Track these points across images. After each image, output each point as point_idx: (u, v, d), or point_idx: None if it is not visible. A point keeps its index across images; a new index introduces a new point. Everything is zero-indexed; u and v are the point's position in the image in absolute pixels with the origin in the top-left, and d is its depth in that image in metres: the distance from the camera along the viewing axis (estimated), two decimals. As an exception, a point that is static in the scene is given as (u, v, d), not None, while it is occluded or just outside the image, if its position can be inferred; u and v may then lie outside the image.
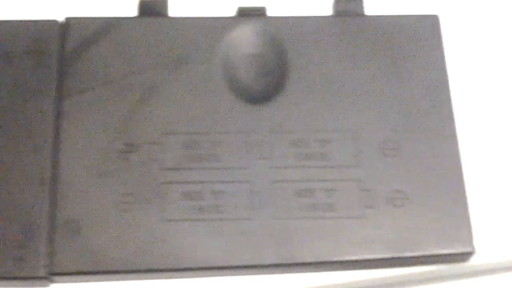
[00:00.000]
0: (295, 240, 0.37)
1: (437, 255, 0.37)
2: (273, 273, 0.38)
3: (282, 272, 0.38)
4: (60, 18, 0.42)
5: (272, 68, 0.41)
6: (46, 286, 0.38)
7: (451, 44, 0.42)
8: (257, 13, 0.42)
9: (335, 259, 0.37)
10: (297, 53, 0.41)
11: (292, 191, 0.38)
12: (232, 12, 0.43)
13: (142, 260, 0.37)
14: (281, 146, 0.38)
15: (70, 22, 0.41)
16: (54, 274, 0.37)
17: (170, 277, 0.37)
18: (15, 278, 0.37)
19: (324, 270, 0.38)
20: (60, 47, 0.41)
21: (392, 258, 0.37)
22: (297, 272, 0.38)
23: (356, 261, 0.37)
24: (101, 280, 0.38)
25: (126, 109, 0.39)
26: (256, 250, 0.37)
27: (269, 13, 0.43)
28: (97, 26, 0.41)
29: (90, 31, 0.41)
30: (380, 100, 0.40)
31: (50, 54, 0.41)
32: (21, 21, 0.42)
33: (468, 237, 0.37)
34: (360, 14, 0.43)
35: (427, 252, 0.37)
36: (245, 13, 0.42)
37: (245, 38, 0.41)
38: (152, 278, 0.37)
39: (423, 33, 0.42)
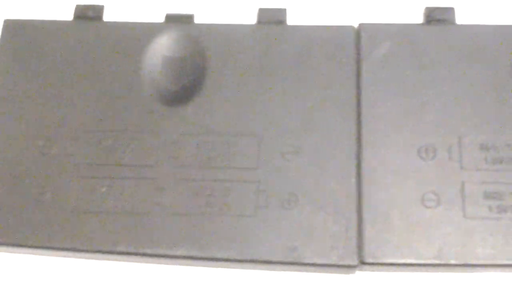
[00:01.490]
0: None
1: None
2: None
3: None
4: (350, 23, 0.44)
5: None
6: (352, 273, 0.40)
7: None
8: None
9: None
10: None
11: None
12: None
13: (446, 255, 0.39)
14: None
15: (363, 28, 0.44)
16: (364, 263, 0.39)
17: (473, 271, 0.39)
18: (328, 266, 0.39)
19: None
20: (356, 52, 0.43)
21: None
22: None
23: None
24: (408, 271, 0.40)
25: (421, 110, 0.41)
26: None
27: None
28: (390, 32, 0.43)
29: (383, 37, 0.43)
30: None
31: (349, 57, 0.44)
32: (320, 26, 0.45)
33: None
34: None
35: None
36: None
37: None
38: (455, 272, 0.39)
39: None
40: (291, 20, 0.45)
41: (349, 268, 0.39)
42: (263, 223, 0.39)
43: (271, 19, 0.44)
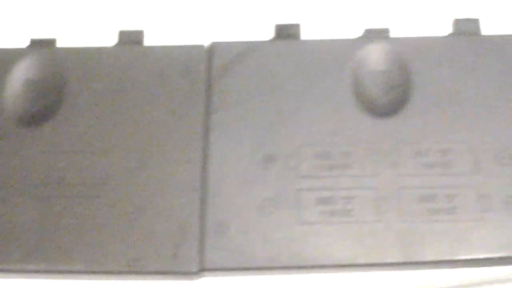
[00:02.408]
0: (418, 242, 0.42)
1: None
2: (396, 270, 0.42)
3: (405, 269, 0.42)
4: (205, 43, 0.47)
5: (397, 84, 0.45)
6: (196, 279, 0.43)
7: None
8: (382, 35, 0.46)
9: (455, 258, 0.41)
10: (419, 70, 0.45)
11: (416, 196, 0.42)
12: (358, 34, 0.47)
13: (281, 259, 0.42)
14: (406, 156, 0.43)
15: (215, 46, 0.46)
16: (205, 270, 0.42)
17: (305, 272, 0.42)
18: (170, 273, 0.42)
19: (445, 267, 0.42)
20: (207, 68, 0.46)
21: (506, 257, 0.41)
22: (420, 269, 0.42)
23: (474, 260, 0.41)
24: (247, 275, 0.43)
25: (264, 123, 0.44)
26: (382, 250, 0.41)
27: (393, 34, 0.46)
28: (239, 49, 0.46)
29: (232, 54, 0.46)
30: (496, 114, 0.44)
31: (198, 75, 0.46)
32: (173, 46, 0.47)
33: None
34: (477, 33, 0.46)
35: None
36: (371, 35, 0.46)
37: (371, 58, 0.46)
38: (289, 274, 0.42)
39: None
40: (149, 40, 0.47)
41: (190, 274, 0.42)
42: (110, 235, 0.42)
43: (130, 40, 0.47)
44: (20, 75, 0.46)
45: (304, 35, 0.47)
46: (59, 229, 0.42)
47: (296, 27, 0.47)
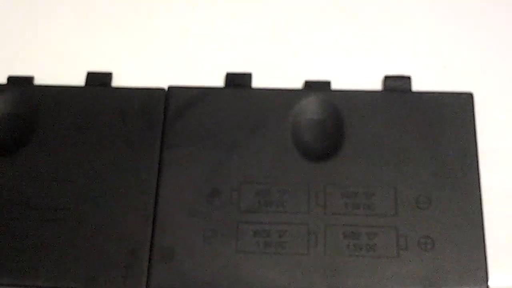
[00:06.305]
0: (342, 274, 0.48)
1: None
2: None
3: (329, 298, 0.48)
4: (165, 86, 0.53)
5: (331, 133, 0.52)
6: None
7: (484, 119, 0.52)
8: (323, 87, 0.52)
9: (369, 289, 0.47)
10: (352, 121, 0.52)
11: (341, 233, 0.49)
12: (299, 85, 0.53)
13: (219, 283, 0.48)
14: (335, 197, 0.49)
15: (171, 90, 0.53)
16: None
17: None
18: (121, 292, 0.48)
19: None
20: (164, 110, 0.52)
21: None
22: (342, 300, 0.48)
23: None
24: None
25: (213, 161, 0.51)
26: (309, 279, 0.48)
27: (335, 86, 0.53)
28: (193, 94, 0.53)
29: (187, 98, 0.53)
30: (418, 164, 0.50)
31: (157, 116, 0.52)
32: (135, 88, 0.53)
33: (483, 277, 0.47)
34: (407, 90, 0.53)
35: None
36: (313, 86, 0.53)
37: (310, 107, 0.52)
38: None
39: (458, 108, 0.52)
40: (120, 80, 0.54)
41: (138, 294, 0.48)
42: (69, 255, 0.48)
43: (97, 81, 0.53)
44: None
45: (257, 82, 0.53)
46: (23, 248, 0.48)
47: (247, 76, 0.53)
